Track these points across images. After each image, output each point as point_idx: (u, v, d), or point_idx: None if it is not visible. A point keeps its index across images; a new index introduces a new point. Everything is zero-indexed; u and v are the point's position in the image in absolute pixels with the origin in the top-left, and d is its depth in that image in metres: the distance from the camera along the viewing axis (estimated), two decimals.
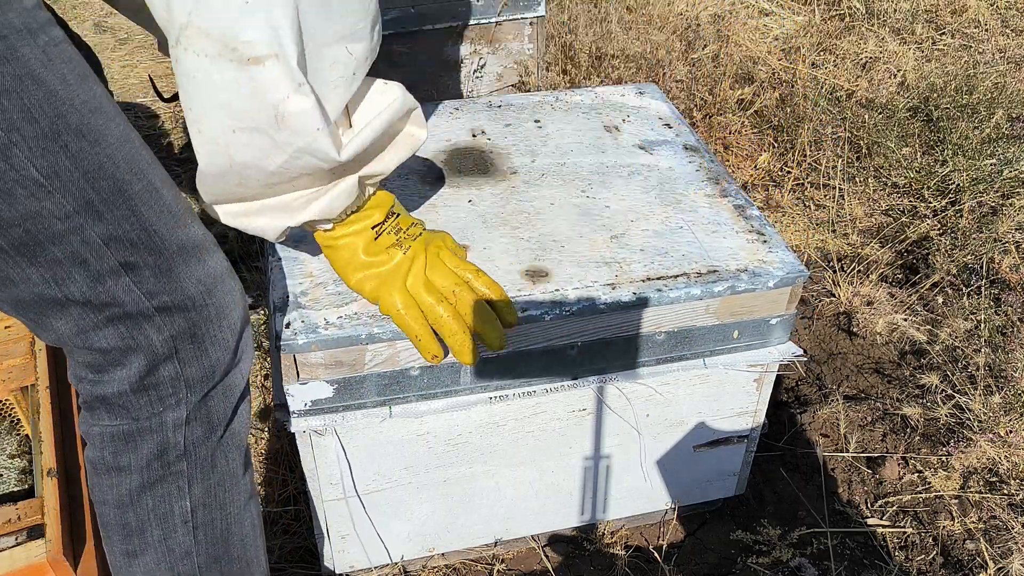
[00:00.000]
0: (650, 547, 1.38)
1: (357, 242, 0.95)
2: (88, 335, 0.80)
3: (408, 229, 0.98)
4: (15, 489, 1.19)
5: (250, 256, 1.92)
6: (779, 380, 1.68)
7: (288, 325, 0.99)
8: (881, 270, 1.91)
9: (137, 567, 0.90)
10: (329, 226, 0.94)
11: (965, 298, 1.79)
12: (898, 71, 2.56)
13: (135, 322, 0.80)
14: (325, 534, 1.20)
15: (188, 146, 2.38)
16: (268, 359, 1.65)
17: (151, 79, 1.18)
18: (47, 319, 0.80)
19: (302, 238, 1.12)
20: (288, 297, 1.03)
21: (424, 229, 1.00)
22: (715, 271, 1.09)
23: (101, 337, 0.80)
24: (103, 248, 0.76)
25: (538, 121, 1.40)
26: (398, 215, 0.98)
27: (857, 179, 2.17)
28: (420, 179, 1.25)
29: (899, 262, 1.96)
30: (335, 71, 0.79)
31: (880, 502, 1.43)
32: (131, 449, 0.86)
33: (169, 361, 0.83)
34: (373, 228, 0.95)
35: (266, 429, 1.54)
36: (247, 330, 0.90)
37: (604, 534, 1.38)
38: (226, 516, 0.92)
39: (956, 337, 1.70)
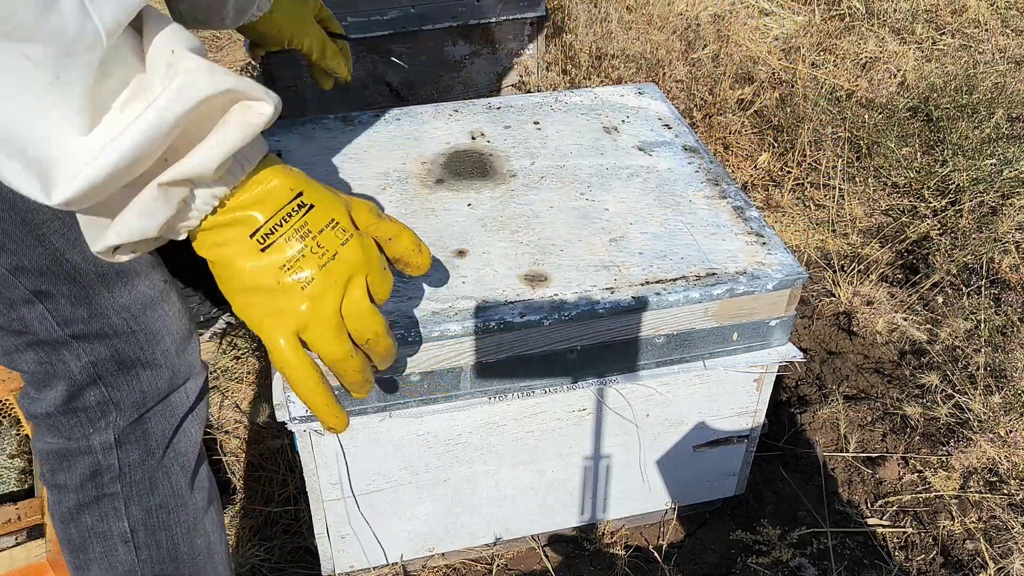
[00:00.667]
0: (650, 547, 1.38)
1: (232, 256, 0.66)
2: (11, 357, 0.80)
3: (321, 234, 0.67)
4: (15, 489, 1.19)
5: None
6: (779, 380, 1.68)
7: None
8: (881, 270, 1.91)
9: None
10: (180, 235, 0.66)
11: (965, 298, 1.79)
12: (898, 71, 2.56)
13: (52, 348, 0.80)
14: (325, 534, 1.20)
15: None
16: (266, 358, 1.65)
17: None
18: None
19: None
20: None
21: (353, 230, 0.70)
22: (714, 274, 1.09)
23: (22, 361, 0.80)
24: (10, 278, 0.75)
25: (537, 123, 1.40)
26: (307, 209, 0.66)
27: (857, 179, 2.17)
28: (419, 183, 1.25)
29: (899, 262, 1.96)
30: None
31: (880, 502, 1.43)
32: (65, 468, 0.85)
33: (93, 387, 0.82)
34: (251, 236, 0.65)
35: (266, 428, 1.54)
36: (190, 350, 0.87)
37: (604, 534, 1.38)
38: (172, 536, 0.90)
39: (956, 337, 1.70)
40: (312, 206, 0.67)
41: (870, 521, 1.40)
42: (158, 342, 0.83)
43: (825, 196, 2.11)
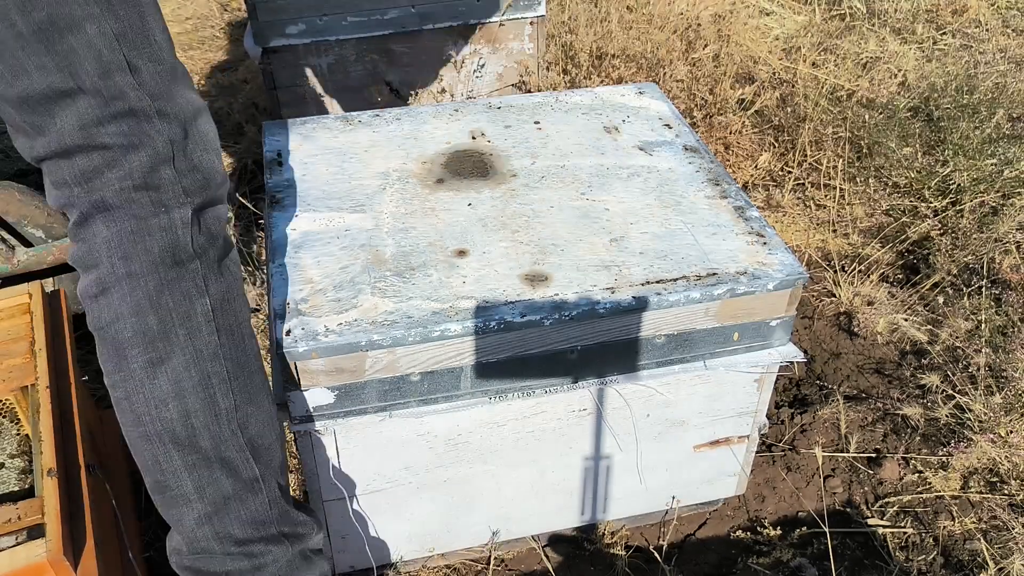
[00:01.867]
0: (650, 547, 1.38)
1: None
2: (92, 131, 0.83)
3: None
4: (15, 489, 1.19)
5: (250, 256, 1.92)
6: (779, 380, 1.68)
7: (288, 332, 0.99)
8: (882, 270, 1.91)
9: (163, 375, 0.87)
10: None
11: (966, 298, 1.79)
12: (899, 71, 2.55)
13: (139, 120, 0.85)
14: (325, 534, 1.20)
15: None
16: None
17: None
18: (53, 115, 0.83)
19: (302, 244, 1.12)
20: (288, 304, 1.03)
21: None
22: (715, 274, 1.09)
23: (106, 133, 0.84)
24: (115, 42, 0.82)
25: (538, 122, 1.40)
26: None
27: (858, 179, 2.17)
28: (420, 182, 1.25)
29: (900, 262, 1.96)
30: None
31: (880, 502, 1.43)
32: (142, 250, 0.86)
33: (168, 164, 0.87)
34: None
35: None
36: (221, 164, 0.94)
37: (604, 534, 1.38)
38: (240, 325, 0.92)
39: (957, 337, 1.70)
40: None
41: (870, 521, 1.40)
42: (208, 144, 0.91)
43: (826, 196, 2.11)
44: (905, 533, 1.38)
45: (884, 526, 1.39)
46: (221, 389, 0.89)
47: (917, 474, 1.47)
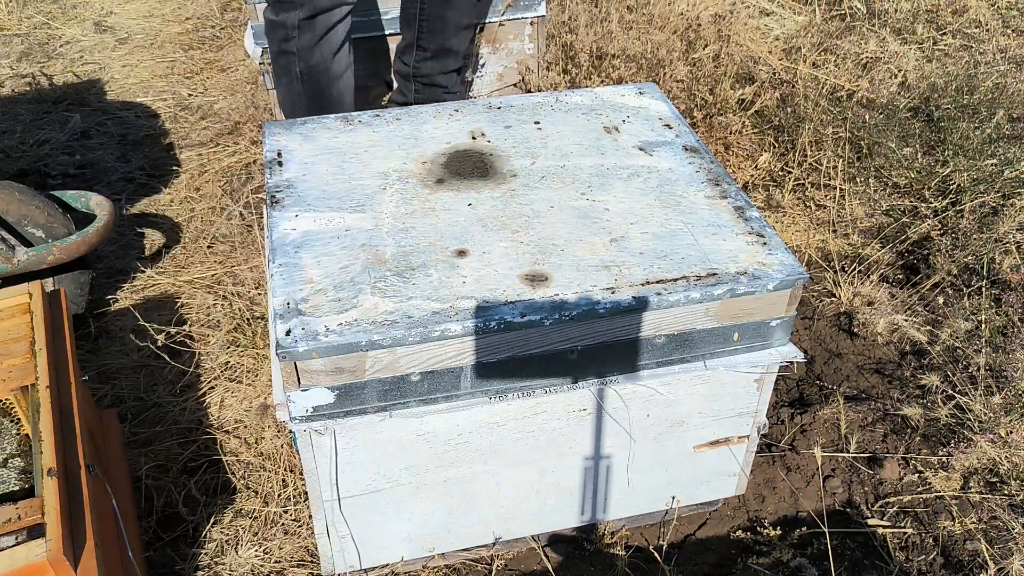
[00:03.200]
0: (650, 547, 1.38)
1: None
2: None
3: None
4: (15, 489, 1.19)
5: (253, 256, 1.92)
6: (779, 380, 1.68)
7: (288, 332, 0.99)
8: (882, 270, 1.91)
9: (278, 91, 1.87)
10: None
11: (966, 298, 1.79)
12: (899, 71, 2.55)
13: None
14: (325, 534, 1.20)
15: (189, 140, 2.38)
16: (268, 360, 1.65)
17: None
18: None
19: (302, 244, 1.13)
20: (288, 304, 1.03)
21: None
22: (715, 274, 1.09)
23: None
24: None
25: (538, 123, 1.40)
26: None
27: (858, 179, 2.17)
28: (420, 182, 1.25)
29: (900, 262, 1.96)
30: None
31: (880, 502, 1.43)
32: (272, 31, 1.74)
33: None
34: None
35: (265, 428, 1.54)
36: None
37: (604, 534, 1.38)
38: (320, 83, 1.77)
39: (957, 337, 1.70)
40: None
41: (870, 521, 1.40)
42: None
43: (826, 196, 2.11)
44: (905, 533, 1.38)
45: (884, 526, 1.39)
46: None
47: (917, 474, 1.47)
